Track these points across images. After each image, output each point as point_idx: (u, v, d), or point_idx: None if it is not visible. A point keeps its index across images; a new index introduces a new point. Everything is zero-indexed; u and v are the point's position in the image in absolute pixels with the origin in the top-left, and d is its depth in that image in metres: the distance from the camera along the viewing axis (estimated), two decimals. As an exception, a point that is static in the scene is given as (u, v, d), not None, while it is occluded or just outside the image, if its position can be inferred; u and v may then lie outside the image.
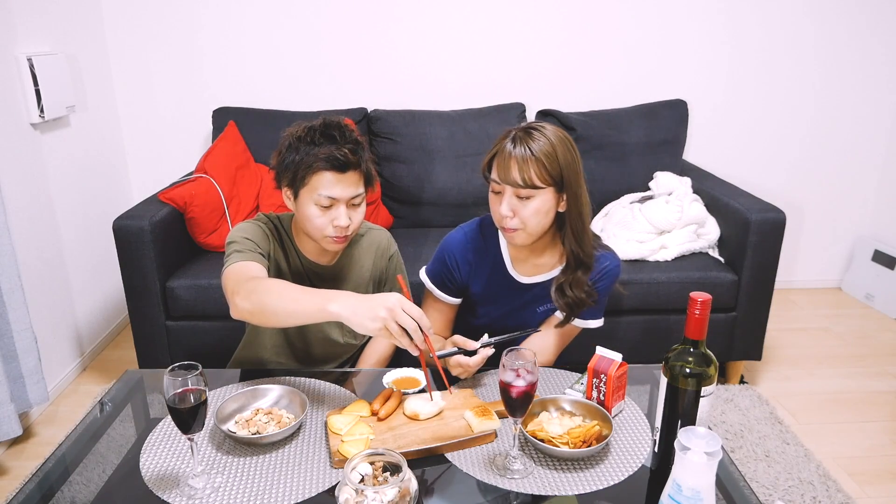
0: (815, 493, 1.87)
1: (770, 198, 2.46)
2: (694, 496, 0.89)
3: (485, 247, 1.48)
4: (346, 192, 1.34)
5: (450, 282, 1.51)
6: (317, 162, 1.31)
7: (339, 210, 1.34)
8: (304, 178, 1.33)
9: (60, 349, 2.45)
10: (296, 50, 2.87)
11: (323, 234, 1.37)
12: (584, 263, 1.40)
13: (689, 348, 1.00)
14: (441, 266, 1.51)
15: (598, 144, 2.72)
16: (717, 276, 2.28)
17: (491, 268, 1.48)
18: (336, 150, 1.31)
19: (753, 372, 2.56)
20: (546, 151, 1.28)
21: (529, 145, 1.28)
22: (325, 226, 1.35)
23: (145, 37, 2.82)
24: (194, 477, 1.05)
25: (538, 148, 1.28)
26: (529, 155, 1.28)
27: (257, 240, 1.41)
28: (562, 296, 1.42)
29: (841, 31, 2.96)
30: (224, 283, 1.30)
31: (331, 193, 1.32)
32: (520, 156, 1.28)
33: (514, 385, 1.03)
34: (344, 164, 1.32)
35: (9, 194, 2.12)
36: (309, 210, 1.35)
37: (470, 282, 1.50)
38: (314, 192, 1.33)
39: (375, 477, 0.97)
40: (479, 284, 1.50)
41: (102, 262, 2.75)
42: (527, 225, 1.32)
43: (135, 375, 1.42)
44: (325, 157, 1.31)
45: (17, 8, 2.21)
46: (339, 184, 1.32)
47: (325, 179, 1.32)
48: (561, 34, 2.92)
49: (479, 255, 1.48)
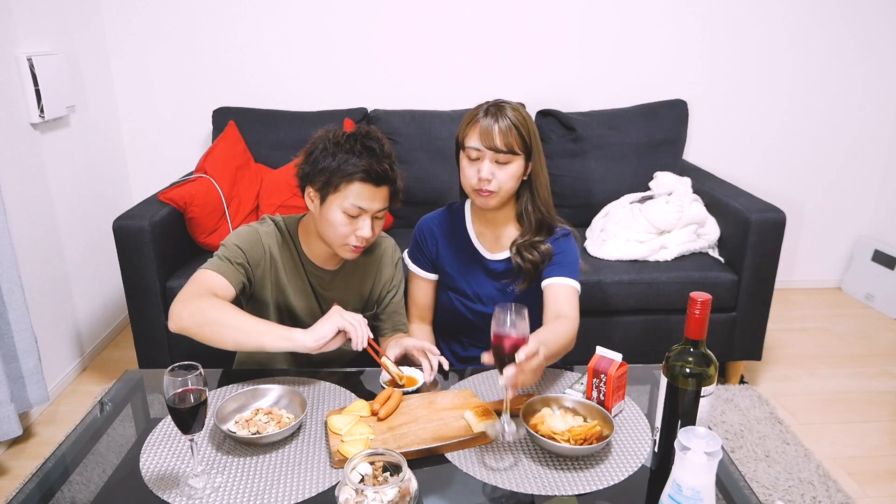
0: (815, 493, 1.87)
1: (770, 198, 2.46)
2: (694, 496, 0.89)
3: (451, 224, 1.62)
4: (375, 204, 1.36)
5: (422, 256, 1.65)
6: (357, 172, 1.32)
7: (365, 221, 1.37)
8: (339, 185, 1.34)
9: (60, 349, 2.45)
10: (296, 50, 2.87)
11: (344, 241, 1.38)
12: (548, 225, 1.52)
13: (689, 348, 1.00)
14: (414, 243, 1.66)
15: (598, 144, 2.72)
16: (717, 276, 2.28)
17: (460, 244, 1.60)
18: (377, 164, 1.33)
19: (753, 372, 2.56)
20: (520, 122, 1.43)
21: (507, 115, 1.42)
22: (349, 234, 1.37)
23: (145, 37, 2.82)
24: (194, 477, 1.05)
25: (514, 118, 1.42)
26: (509, 124, 1.41)
27: (247, 248, 1.41)
28: (519, 256, 1.51)
29: (841, 31, 2.96)
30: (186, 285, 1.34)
31: (362, 204, 1.34)
32: (503, 126, 1.41)
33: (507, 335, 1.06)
34: (381, 178, 1.34)
35: (9, 194, 2.12)
36: (335, 216, 1.35)
37: (440, 256, 1.62)
38: (345, 200, 1.34)
39: (375, 477, 0.98)
40: (449, 258, 1.62)
41: (102, 262, 2.75)
42: (501, 188, 1.44)
43: (135, 375, 1.42)
44: (364, 168, 1.32)
45: (17, 8, 2.21)
46: (371, 196, 1.35)
47: (359, 190, 1.34)
48: (561, 34, 2.92)
49: (447, 230, 1.62)
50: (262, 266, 1.44)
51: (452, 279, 1.62)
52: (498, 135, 1.40)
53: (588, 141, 2.71)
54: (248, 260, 1.41)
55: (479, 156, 1.43)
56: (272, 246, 1.45)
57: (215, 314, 1.26)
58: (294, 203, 2.46)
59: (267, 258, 1.44)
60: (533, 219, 1.51)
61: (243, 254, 1.40)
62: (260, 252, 1.43)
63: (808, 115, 3.09)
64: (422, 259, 1.65)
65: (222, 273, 1.36)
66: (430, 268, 1.66)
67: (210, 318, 1.26)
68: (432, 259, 1.65)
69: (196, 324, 1.26)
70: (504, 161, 1.42)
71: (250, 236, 1.43)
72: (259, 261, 1.43)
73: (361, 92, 2.92)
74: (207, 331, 1.25)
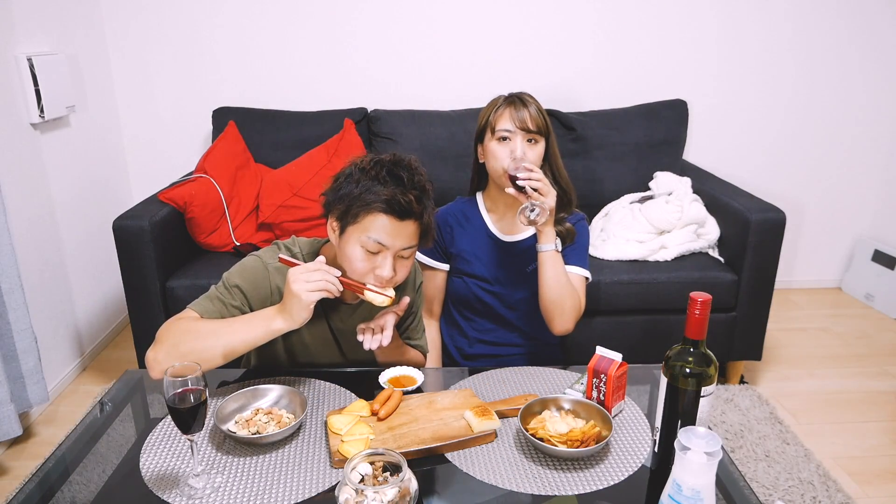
0: (815, 493, 1.87)
1: (770, 198, 2.46)
2: (694, 496, 0.89)
3: (466, 212, 1.69)
4: (398, 241, 1.20)
5: (435, 245, 1.69)
6: (377, 202, 1.17)
7: (386, 259, 1.21)
8: (358, 215, 1.19)
9: (60, 349, 2.45)
10: (296, 50, 2.87)
11: (361, 279, 1.24)
12: (568, 199, 1.63)
13: (689, 348, 1.00)
14: None
15: (598, 144, 2.72)
16: (717, 276, 2.28)
17: (474, 228, 1.67)
18: (400, 194, 1.18)
19: (753, 372, 2.56)
20: (539, 108, 1.56)
21: (530, 102, 1.55)
22: (366, 272, 1.22)
23: (145, 37, 2.82)
24: (194, 477, 1.05)
25: (534, 104, 1.56)
26: (534, 110, 1.54)
27: (249, 288, 1.29)
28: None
29: (841, 31, 2.96)
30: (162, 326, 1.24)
31: (381, 239, 1.19)
32: (532, 109, 1.54)
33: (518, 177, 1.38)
34: (405, 212, 1.19)
35: (9, 194, 2.12)
36: (353, 251, 1.21)
37: (454, 241, 1.68)
38: (364, 232, 1.19)
39: (375, 477, 0.98)
40: (465, 244, 1.67)
41: (102, 262, 2.75)
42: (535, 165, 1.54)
43: (135, 375, 1.42)
44: (386, 198, 1.17)
45: (17, 8, 2.21)
46: (394, 231, 1.19)
47: (379, 223, 1.18)
48: (561, 34, 2.92)
49: (461, 218, 1.69)
50: (268, 304, 1.29)
51: (468, 263, 1.66)
52: (529, 117, 1.52)
53: (588, 141, 2.71)
54: (248, 301, 1.30)
55: (511, 136, 1.53)
56: (281, 284, 1.30)
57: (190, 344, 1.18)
58: (294, 203, 2.46)
59: (273, 298, 1.31)
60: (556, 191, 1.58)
61: (243, 296, 1.29)
62: (266, 291, 1.31)
63: (808, 115, 3.09)
64: (434, 249, 1.69)
65: (207, 315, 1.25)
66: (442, 257, 1.70)
67: (187, 349, 1.17)
68: (445, 247, 1.69)
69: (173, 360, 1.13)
70: (533, 140, 1.54)
71: (256, 273, 1.31)
72: (265, 300, 1.31)
73: (361, 92, 2.92)
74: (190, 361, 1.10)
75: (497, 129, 1.54)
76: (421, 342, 1.56)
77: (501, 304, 1.65)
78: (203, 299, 1.29)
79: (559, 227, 1.58)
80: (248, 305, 1.30)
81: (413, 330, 1.54)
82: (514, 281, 1.65)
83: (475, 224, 1.67)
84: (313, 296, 1.15)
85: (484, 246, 1.66)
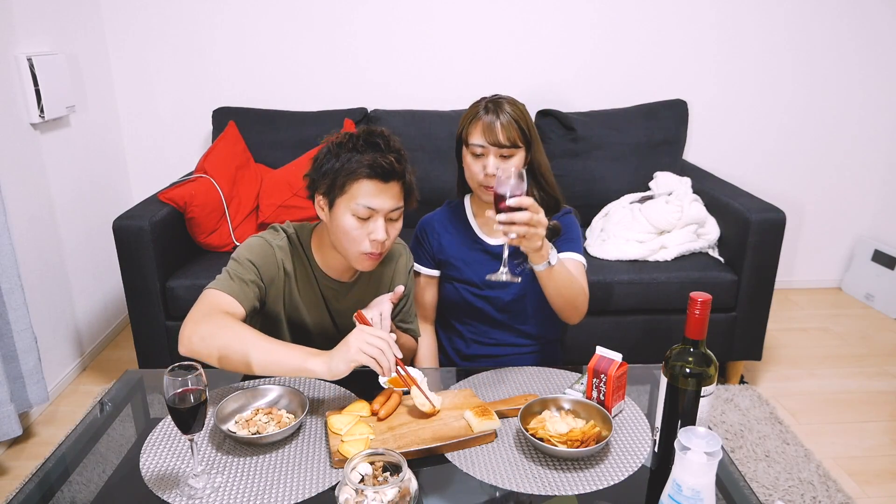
0: (815, 493, 1.87)
1: (770, 198, 2.46)
2: (694, 496, 0.89)
3: (452, 218, 1.67)
4: (386, 203, 1.28)
5: (423, 252, 1.68)
6: (360, 169, 1.24)
7: (378, 223, 1.28)
8: (344, 185, 1.26)
9: (60, 349, 2.45)
10: (296, 50, 2.87)
11: (358, 249, 1.29)
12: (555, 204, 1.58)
13: (689, 348, 1.00)
14: (415, 241, 1.69)
15: (598, 144, 2.72)
16: (717, 276, 2.28)
17: (463, 235, 1.64)
18: (381, 158, 1.25)
19: (753, 372, 2.56)
20: (518, 116, 1.47)
21: (506, 111, 1.45)
22: (362, 239, 1.28)
23: (145, 37, 2.82)
24: (194, 477, 1.05)
25: (512, 112, 1.46)
26: (510, 119, 1.45)
27: (261, 263, 1.33)
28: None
29: (841, 31, 2.96)
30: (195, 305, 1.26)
31: (371, 204, 1.26)
32: (504, 121, 1.45)
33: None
34: (388, 173, 1.26)
35: (9, 194, 2.12)
36: (345, 221, 1.27)
37: (442, 248, 1.64)
38: (353, 200, 1.26)
39: (375, 477, 0.98)
40: (453, 250, 1.64)
41: (102, 262, 2.75)
42: None
43: (135, 375, 1.42)
44: (368, 164, 1.24)
45: (17, 8, 2.21)
46: (380, 194, 1.26)
47: (365, 188, 1.26)
48: (561, 34, 2.92)
49: (448, 224, 1.66)
50: (276, 283, 1.37)
51: (458, 270, 1.64)
52: (500, 130, 1.44)
53: (588, 141, 2.71)
54: (261, 277, 1.33)
55: (484, 152, 1.46)
56: (285, 260, 1.38)
57: (227, 339, 1.18)
58: (294, 203, 2.46)
59: (281, 274, 1.37)
60: (537, 198, 1.54)
61: (256, 270, 1.33)
62: (274, 268, 1.36)
63: (808, 115, 3.09)
64: (423, 256, 1.67)
65: (232, 294, 1.27)
66: (432, 264, 1.68)
67: (223, 343, 1.18)
68: (433, 254, 1.67)
69: (207, 349, 1.19)
70: (508, 154, 1.46)
71: (264, 250, 1.35)
72: (273, 277, 1.36)
73: (361, 92, 2.92)
74: (219, 356, 1.19)
75: (470, 143, 1.48)
76: (413, 326, 1.60)
77: (493, 307, 1.63)
78: (223, 279, 1.30)
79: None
80: (261, 279, 1.33)
81: (406, 313, 1.57)
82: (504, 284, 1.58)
83: (462, 229, 1.64)
84: (362, 357, 1.12)
85: (471, 251, 1.63)
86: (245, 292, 1.29)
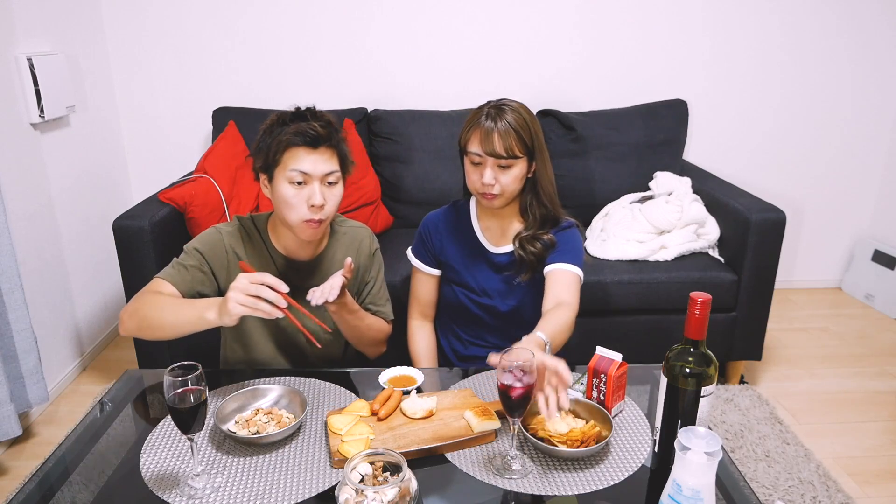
0: (815, 493, 1.87)
1: (770, 198, 2.46)
2: (694, 496, 0.89)
3: (457, 220, 1.63)
4: (318, 167, 1.34)
5: (426, 251, 1.66)
6: (287, 137, 1.32)
7: (313, 187, 1.34)
8: (276, 155, 1.34)
9: (60, 349, 2.45)
10: (296, 50, 2.87)
11: (299, 216, 1.35)
12: (554, 219, 1.55)
13: (689, 348, 1.00)
14: (418, 239, 1.67)
15: (598, 144, 2.72)
16: (717, 276, 2.28)
17: (465, 238, 1.61)
18: (307, 126, 1.33)
19: (753, 372, 2.56)
20: (520, 124, 1.42)
21: (506, 119, 1.41)
22: (300, 205, 1.34)
23: (145, 37, 2.82)
24: (194, 477, 1.05)
25: (513, 121, 1.41)
26: (508, 128, 1.41)
27: (206, 249, 1.42)
28: (522, 249, 1.53)
29: (842, 31, 2.96)
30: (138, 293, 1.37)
31: (302, 168, 1.33)
32: (502, 129, 1.40)
33: (513, 387, 1.03)
34: (315, 139, 1.33)
35: (9, 194, 2.12)
36: (283, 190, 1.34)
37: (444, 250, 1.63)
38: (286, 168, 1.33)
39: (375, 477, 0.98)
40: (454, 252, 1.62)
41: (102, 262, 2.75)
42: (505, 191, 1.46)
43: (135, 375, 1.42)
44: (294, 131, 1.32)
45: (17, 8, 2.21)
46: (310, 159, 1.33)
47: (296, 155, 1.33)
48: (561, 34, 2.92)
49: (451, 226, 1.63)
50: (227, 266, 1.44)
51: (457, 273, 1.63)
52: (498, 140, 1.40)
53: (588, 141, 2.71)
54: (207, 261, 1.42)
55: (481, 161, 1.44)
56: (235, 245, 1.45)
57: (147, 310, 1.31)
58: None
59: (230, 257, 1.44)
60: (537, 213, 1.54)
61: (201, 256, 1.42)
62: (222, 252, 1.44)
63: (808, 115, 3.08)
64: (425, 254, 1.66)
65: (171, 280, 1.38)
66: (434, 263, 1.66)
67: (143, 314, 1.30)
68: (435, 254, 1.65)
69: (135, 323, 1.32)
70: (506, 165, 1.43)
71: (211, 237, 1.45)
72: (222, 261, 1.44)
73: (361, 92, 2.92)
74: (144, 326, 1.31)
75: (468, 150, 1.46)
76: (384, 309, 1.61)
77: (490, 315, 1.62)
78: (168, 268, 1.41)
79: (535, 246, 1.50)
80: (206, 265, 1.42)
81: (375, 296, 1.60)
82: (502, 293, 1.60)
83: (465, 232, 1.62)
84: (239, 309, 1.17)
85: (472, 256, 1.61)
86: (182, 276, 1.39)
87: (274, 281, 1.18)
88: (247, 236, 1.48)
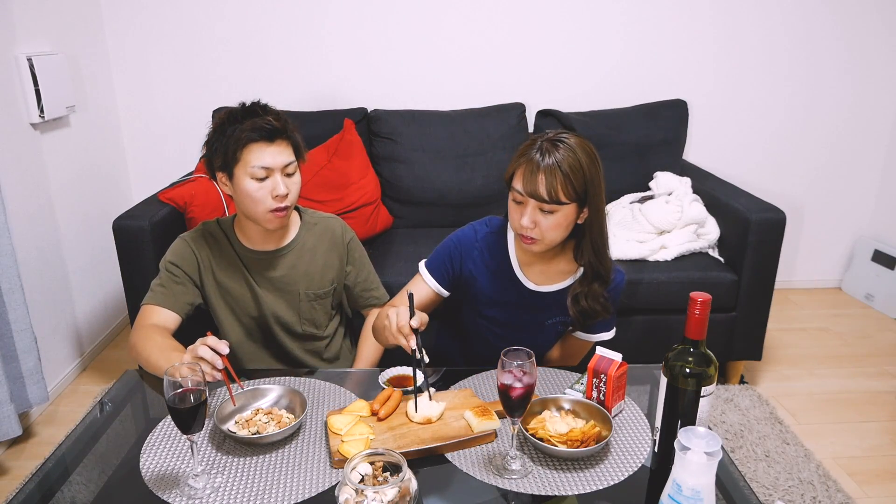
0: (815, 493, 1.87)
1: (770, 198, 2.46)
2: (694, 496, 0.89)
3: (495, 246, 1.45)
4: (277, 159, 1.38)
5: (448, 271, 1.46)
6: (244, 135, 1.35)
7: (276, 179, 1.38)
8: (235, 153, 1.37)
9: (60, 349, 2.45)
10: (295, 50, 2.87)
11: (265, 208, 1.39)
12: (602, 276, 1.39)
13: (689, 348, 1.00)
14: (445, 254, 1.47)
15: (598, 144, 2.64)
16: (717, 276, 2.28)
17: (498, 267, 1.44)
18: (262, 121, 1.36)
19: (753, 372, 2.56)
20: (572, 166, 1.25)
21: (556, 158, 1.24)
22: (265, 198, 1.38)
23: (145, 37, 2.82)
24: (194, 477, 1.05)
25: (565, 162, 1.24)
26: (556, 168, 1.24)
27: (179, 260, 1.48)
28: (576, 305, 1.41)
29: (841, 31, 2.96)
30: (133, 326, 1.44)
31: (263, 163, 1.36)
32: (547, 169, 1.24)
33: (513, 387, 1.03)
34: (271, 132, 1.37)
35: (9, 194, 2.12)
36: (246, 185, 1.38)
37: (474, 277, 1.46)
38: (247, 165, 1.37)
39: (375, 477, 0.98)
40: (485, 281, 1.45)
41: (102, 262, 2.75)
42: (545, 237, 1.30)
43: (135, 375, 1.42)
44: (250, 128, 1.35)
45: (17, 8, 2.21)
46: (269, 153, 1.37)
47: (255, 151, 1.36)
48: (561, 34, 2.92)
49: (487, 253, 1.45)
50: (201, 271, 1.50)
51: (485, 299, 1.47)
52: (542, 181, 1.24)
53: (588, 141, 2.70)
54: (183, 270, 1.47)
55: (523, 200, 1.28)
56: (200, 249, 1.50)
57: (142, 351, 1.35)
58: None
59: (201, 262, 1.50)
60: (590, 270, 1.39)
61: (176, 266, 1.47)
62: (192, 259, 1.49)
63: (808, 115, 3.09)
64: (443, 273, 1.47)
65: (158, 304, 1.43)
66: (448, 284, 1.48)
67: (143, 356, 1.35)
68: (456, 277, 1.47)
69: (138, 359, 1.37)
70: (549, 210, 1.27)
71: (178, 247, 1.50)
72: (196, 267, 1.50)
73: (361, 92, 2.92)
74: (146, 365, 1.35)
75: (512, 185, 1.30)
76: (378, 293, 1.66)
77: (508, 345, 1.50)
78: (151, 292, 1.46)
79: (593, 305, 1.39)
80: (183, 274, 1.47)
81: (366, 281, 1.64)
82: (532, 332, 1.48)
83: (500, 263, 1.44)
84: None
85: (505, 289, 1.44)
86: (166, 296, 1.44)
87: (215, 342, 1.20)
88: (211, 238, 1.52)
